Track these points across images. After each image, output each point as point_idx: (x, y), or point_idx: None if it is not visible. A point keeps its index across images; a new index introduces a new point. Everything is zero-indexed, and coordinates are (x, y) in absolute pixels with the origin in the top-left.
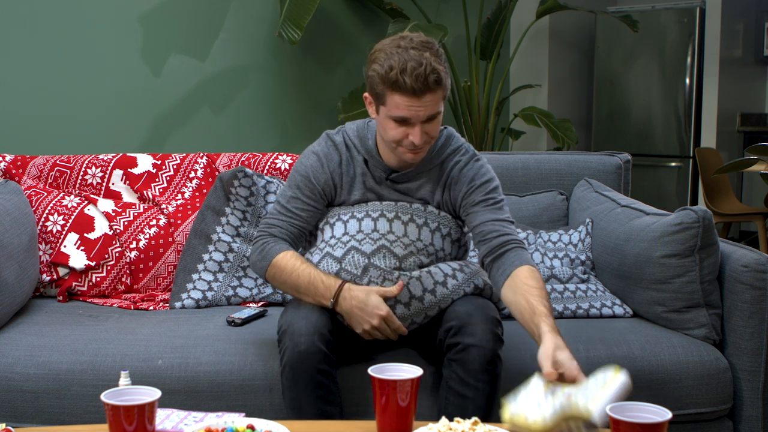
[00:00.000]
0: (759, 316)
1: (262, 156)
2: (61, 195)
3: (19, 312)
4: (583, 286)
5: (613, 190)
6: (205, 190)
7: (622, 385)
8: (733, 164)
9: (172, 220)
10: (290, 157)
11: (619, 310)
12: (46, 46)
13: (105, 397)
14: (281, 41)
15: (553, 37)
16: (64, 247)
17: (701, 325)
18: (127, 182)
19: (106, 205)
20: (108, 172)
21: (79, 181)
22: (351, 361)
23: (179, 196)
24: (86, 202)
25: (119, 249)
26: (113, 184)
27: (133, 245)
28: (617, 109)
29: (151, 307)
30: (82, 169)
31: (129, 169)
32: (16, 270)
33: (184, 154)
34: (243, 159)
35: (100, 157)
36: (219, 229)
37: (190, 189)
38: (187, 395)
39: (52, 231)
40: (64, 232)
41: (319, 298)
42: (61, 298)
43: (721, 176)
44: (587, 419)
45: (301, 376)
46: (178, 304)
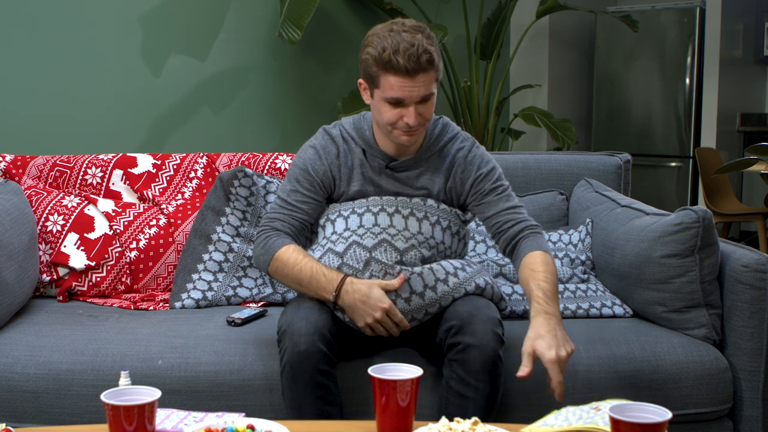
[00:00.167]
0: (759, 316)
1: (262, 156)
2: (61, 195)
3: (19, 312)
4: (583, 286)
5: (613, 190)
6: (205, 190)
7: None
8: (733, 164)
9: (172, 220)
10: (290, 157)
11: (619, 310)
12: (46, 46)
13: (105, 397)
14: (281, 41)
15: (553, 37)
16: (64, 247)
17: (701, 325)
18: (127, 182)
19: (106, 205)
20: (108, 172)
21: (79, 181)
22: (351, 361)
23: (179, 196)
24: (86, 202)
25: (119, 249)
26: (113, 184)
27: (133, 245)
28: (617, 109)
29: (151, 307)
30: (82, 169)
31: (129, 169)
32: (16, 270)
33: (184, 154)
34: (243, 159)
35: (100, 157)
36: (219, 229)
37: (190, 189)
38: (187, 395)
39: (52, 231)
40: (64, 232)
41: (321, 291)
42: (61, 298)
43: (721, 176)
44: None
45: (301, 376)
46: (178, 304)
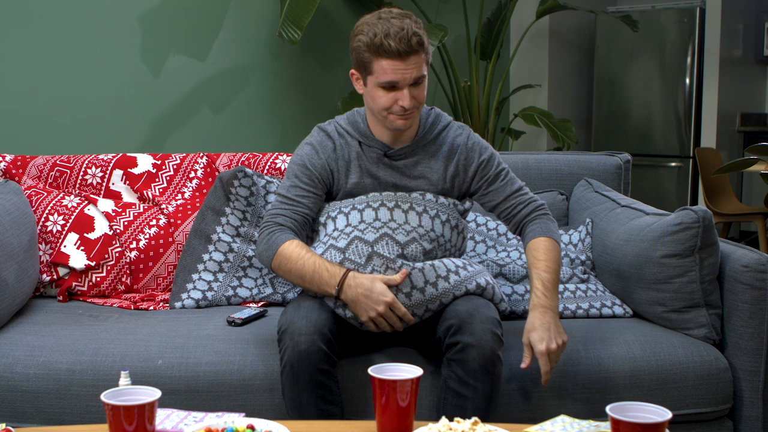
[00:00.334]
0: (759, 316)
1: (262, 156)
2: (61, 195)
3: (19, 312)
4: (583, 286)
5: (613, 190)
6: (205, 190)
7: None
8: (733, 164)
9: (172, 220)
10: (290, 157)
11: (619, 310)
12: (45, 46)
13: (105, 397)
14: (281, 41)
15: (553, 37)
16: (64, 247)
17: (701, 325)
18: (127, 182)
19: (106, 205)
20: (108, 172)
21: (79, 181)
22: (351, 361)
23: (179, 196)
24: (86, 202)
25: (119, 249)
26: (113, 184)
27: (133, 245)
28: (617, 109)
29: (151, 307)
30: (82, 169)
31: (129, 169)
32: (16, 270)
33: (184, 154)
34: (243, 159)
35: (100, 157)
36: (219, 229)
37: (190, 189)
38: (187, 395)
39: (52, 231)
40: (64, 232)
41: (324, 286)
42: (61, 298)
43: (721, 176)
44: None
45: (301, 376)
46: (178, 304)
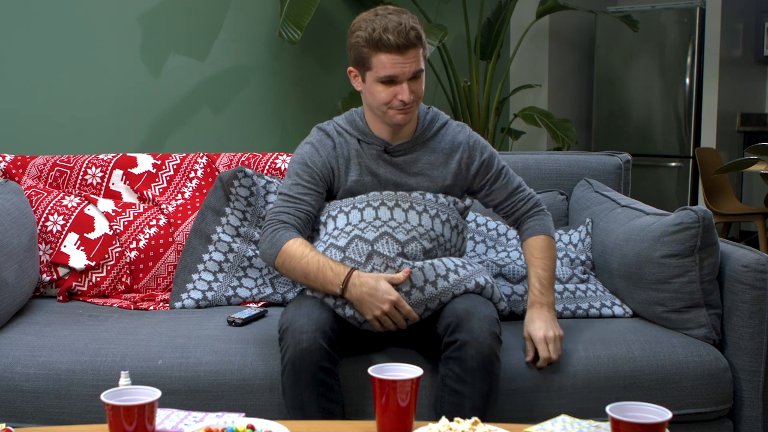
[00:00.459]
0: (759, 316)
1: (262, 156)
2: (61, 195)
3: (19, 312)
4: (582, 286)
5: (613, 190)
6: (205, 190)
7: None
8: (733, 164)
9: (172, 220)
10: (290, 157)
11: (619, 310)
12: (45, 46)
13: (105, 397)
14: (281, 41)
15: (553, 37)
16: (64, 247)
17: (701, 325)
18: (127, 182)
19: (106, 205)
20: (108, 172)
21: (79, 181)
22: (351, 360)
23: (179, 196)
24: (86, 202)
25: (119, 249)
26: (113, 184)
27: (133, 245)
28: (617, 109)
29: (151, 307)
30: (82, 169)
31: (129, 169)
32: (16, 270)
33: (184, 154)
34: (243, 159)
35: (100, 157)
36: (219, 229)
37: (190, 189)
38: (187, 395)
39: (52, 231)
40: (64, 232)
41: (328, 285)
42: (61, 298)
43: (721, 176)
44: None
45: (303, 374)
46: (178, 304)
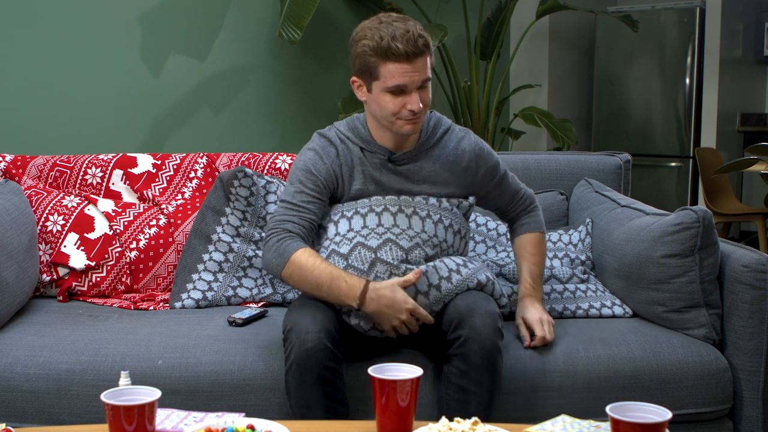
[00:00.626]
0: (759, 316)
1: (262, 156)
2: (61, 195)
3: (19, 312)
4: (582, 286)
5: (613, 190)
6: (205, 190)
7: None
8: (733, 164)
9: (172, 220)
10: (290, 157)
11: (619, 310)
12: (45, 46)
13: (105, 397)
14: (281, 41)
15: (553, 37)
16: (64, 247)
17: (701, 325)
18: (127, 182)
19: (106, 205)
20: (108, 172)
21: (79, 181)
22: (352, 360)
23: (179, 196)
24: (86, 202)
25: (119, 249)
26: (113, 184)
27: (133, 245)
28: (617, 109)
29: (151, 307)
30: (82, 169)
31: (129, 169)
32: (16, 270)
33: (184, 154)
34: (243, 159)
35: (100, 157)
36: (219, 229)
37: (190, 189)
38: (187, 395)
39: (52, 231)
40: (64, 232)
41: (343, 297)
42: (61, 298)
43: (721, 176)
44: None
45: (308, 374)
46: (178, 304)
